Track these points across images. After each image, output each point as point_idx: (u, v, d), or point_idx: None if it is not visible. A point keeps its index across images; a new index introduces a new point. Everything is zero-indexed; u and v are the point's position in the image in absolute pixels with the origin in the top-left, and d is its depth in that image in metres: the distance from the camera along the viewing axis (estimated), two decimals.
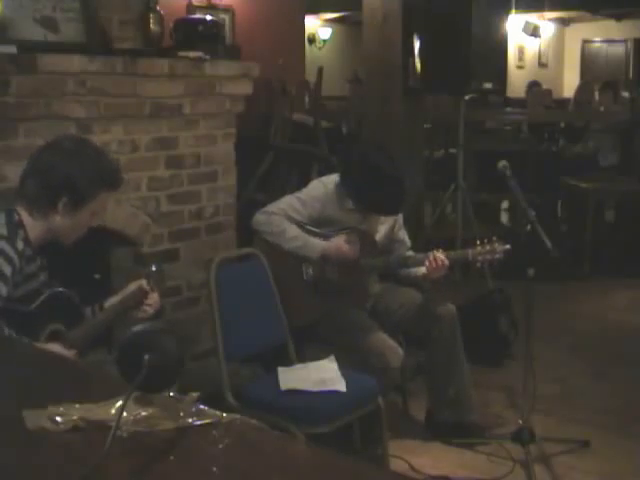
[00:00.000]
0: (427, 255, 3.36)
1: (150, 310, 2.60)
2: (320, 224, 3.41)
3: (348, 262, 3.34)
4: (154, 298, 2.61)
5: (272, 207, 3.40)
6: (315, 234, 3.38)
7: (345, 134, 7.37)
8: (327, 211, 3.41)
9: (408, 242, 3.64)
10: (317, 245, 3.34)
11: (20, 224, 2.38)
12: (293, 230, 3.34)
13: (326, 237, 3.38)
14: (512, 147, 7.07)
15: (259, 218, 3.39)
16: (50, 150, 2.46)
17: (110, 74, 3.38)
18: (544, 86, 9.82)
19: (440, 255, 3.32)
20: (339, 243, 3.35)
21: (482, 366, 4.12)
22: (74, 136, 2.57)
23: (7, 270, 2.27)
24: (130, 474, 1.25)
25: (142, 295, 2.59)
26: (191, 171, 3.90)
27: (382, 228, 3.55)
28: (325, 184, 3.47)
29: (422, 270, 3.42)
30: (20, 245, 2.33)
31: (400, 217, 3.61)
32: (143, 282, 2.60)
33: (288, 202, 3.42)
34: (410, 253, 3.55)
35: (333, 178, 3.48)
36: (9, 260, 2.28)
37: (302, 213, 3.39)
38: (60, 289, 2.46)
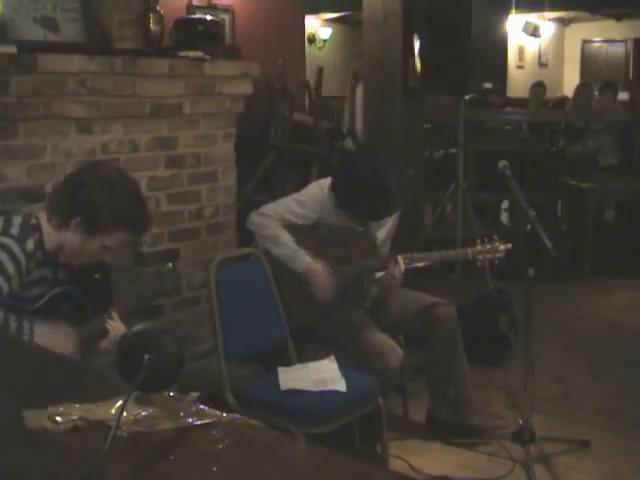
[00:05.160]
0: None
1: (108, 343, 2.45)
2: (319, 226, 3.41)
3: (317, 290, 3.32)
4: (118, 328, 2.48)
5: (268, 209, 3.38)
6: (311, 238, 3.37)
7: (345, 134, 7.37)
8: (325, 214, 3.40)
9: (388, 246, 3.63)
10: (303, 261, 3.31)
11: (36, 228, 2.39)
12: (285, 238, 3.32)
13: (321, 243, 3.37)
14: (512, 147, 7.07)
15: (254, 219, 3.38)
16: (89, 171, 2.48)
17: (110, 74, 3.38)
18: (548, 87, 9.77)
19: (400, 265, 3.32)
20: (319, 271, 3.31)
21: (482, 366, 4.12)
22: (119, 169, 2.57)
23: (10, 268, 2.28)
24: (130, 474, 1.25)
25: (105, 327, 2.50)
26: (191, 171, 3.90)
27: (383, 230, 3.55)
28: (322, 187, 3.46)
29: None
30: (30, 246, 2.34)
31: (396, 216, 3.59)
32: (112, 313, 2.53)
33: (285, 204, 3.41)
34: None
35: (330, 181, 3.47)
36: (15, 259, 2.29)
37: (299, 214, 3.38)
38: (64, 289, 2.47)
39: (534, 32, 13.94)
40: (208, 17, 4.29)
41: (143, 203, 2.52)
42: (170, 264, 2.70)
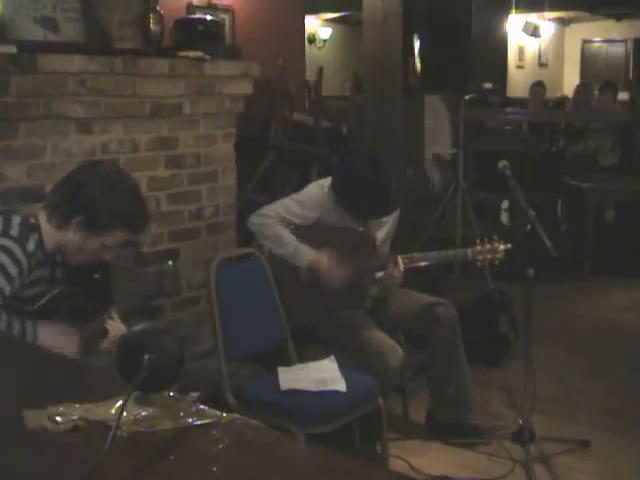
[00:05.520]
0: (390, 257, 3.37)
1: (108, 343, 2.45)
2: (319, 226, 3.41)
3: (330, 280, 3.32)
4: (118, 328, 2.47)
5: (267, 210, 3.39)
6: (310, 238, 3.36)
7: (345, 134, 7.37)
8: (325, 213, 3.41)
9: (387, 246, 3.63)
10: (306, 255, 3.32)
11: (35, 228, 2.39)
12: (286, 235, 3.33)
13: (320, 242, 3.36)
14: (512, 147, 7.06)
15: (254, 220, 3.39)
16: (89, 169, 2.48)
17: (110, 74, 3.38)
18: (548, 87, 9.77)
19: (399, 266, 3.32)
20: (325, 261, 3.31)
21: (482, 366, 4.12)
22: (118, 167, 2.57)
23: (13, 270, 2.28)
24: (130, 474, 1.25)
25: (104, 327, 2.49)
26: (191, 171, 3.90)
27: (383, 230, 3.55)
28: (322, 186, 3.46)
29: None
30: (31, 247, 2.34)
31: (396, 216, 3.59)
32: (112, 313, 2.52)
33: (284, 204, 3.41)
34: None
35: (330, 181, 3.47)
36: (16, 261, 2.29)
37: (298, 215, 3.38)
38: (63, 288, 2.46)
39: (534, 32, 13.94)
40: (208, 17, 4.29)
41: (142, 201, 2.52)
42: (170, 262, 2.70)
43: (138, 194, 2.52)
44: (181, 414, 1.42)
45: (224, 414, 1.43)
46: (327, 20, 13.47)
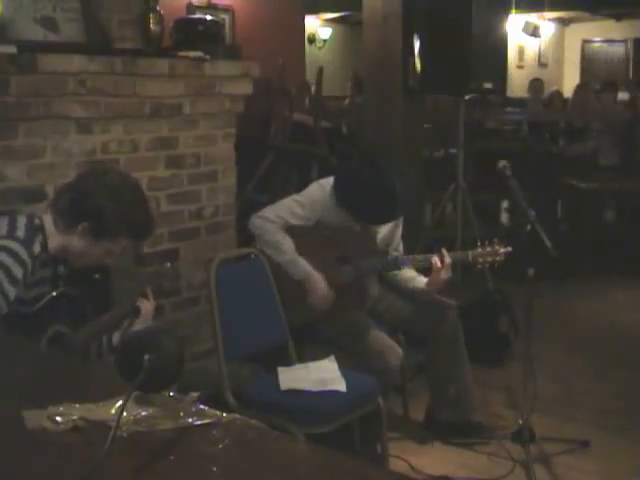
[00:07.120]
0: (433, 255, 3.35)
1: (142, 322, 2.51)
2: (319, 226, 3.40)
3: (315, 299, 3.31)
4: (150, 307, 2.55)
5: (269, 212, 3.37)
6: (311, 238, 3.36)
7: (345, 134, 7.37)
8: (326, 214, 3.40)
9: (401, 251, 3.62)
10: (302, 269, 3.30)
11: (40, 228, 2.40)
12: (286, 244, 3.31)
13: (321, 242, 3.36)
14: (512, 147, 7.07)
15: (255, 222, 3.37)
16: (96, 178, 2.49)
17: (110, 74, 3.38)
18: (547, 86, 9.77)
19: (444, 253, 3.32)
20: (318, 281, 3.30)
21: (482, 366, 4.12)
22: (124, 175, 2.59)
23: (19, 273, 2.27)
24: (130, 474, 1.25)
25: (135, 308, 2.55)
26: (191, 171, 3.90)
27: (383, 229, 3.54)
28: (324, 187, 3.45)
29: (423, 281, 3.42)
30: (37, 248, 2.35)
31: (400, 220, 3.59)
32: (147, 292, 2.58)
33: (287, 206, 3.39)
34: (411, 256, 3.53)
35: (331, 181, 3.47)
36: (22, 263, 2.29)
37: (300, 217, 3.37)
38: (63, 290, 2.47)
39: (534, 32, 13.93)
40: (208, 17, 4.29)
41: (147, 209, 2.53)
42: (168, 264, 2.71)
43: (144, 202, 2.53)
44: (181, 414, 1.42)
45: (224, 414, 1.43)
46: (327, 20, 13.46)
